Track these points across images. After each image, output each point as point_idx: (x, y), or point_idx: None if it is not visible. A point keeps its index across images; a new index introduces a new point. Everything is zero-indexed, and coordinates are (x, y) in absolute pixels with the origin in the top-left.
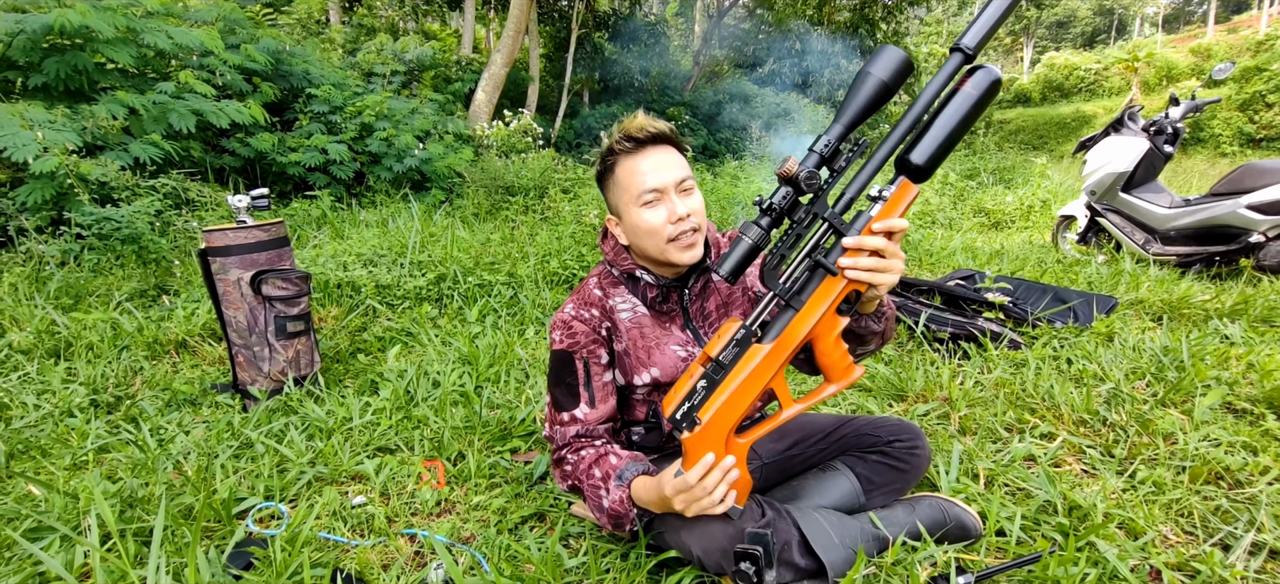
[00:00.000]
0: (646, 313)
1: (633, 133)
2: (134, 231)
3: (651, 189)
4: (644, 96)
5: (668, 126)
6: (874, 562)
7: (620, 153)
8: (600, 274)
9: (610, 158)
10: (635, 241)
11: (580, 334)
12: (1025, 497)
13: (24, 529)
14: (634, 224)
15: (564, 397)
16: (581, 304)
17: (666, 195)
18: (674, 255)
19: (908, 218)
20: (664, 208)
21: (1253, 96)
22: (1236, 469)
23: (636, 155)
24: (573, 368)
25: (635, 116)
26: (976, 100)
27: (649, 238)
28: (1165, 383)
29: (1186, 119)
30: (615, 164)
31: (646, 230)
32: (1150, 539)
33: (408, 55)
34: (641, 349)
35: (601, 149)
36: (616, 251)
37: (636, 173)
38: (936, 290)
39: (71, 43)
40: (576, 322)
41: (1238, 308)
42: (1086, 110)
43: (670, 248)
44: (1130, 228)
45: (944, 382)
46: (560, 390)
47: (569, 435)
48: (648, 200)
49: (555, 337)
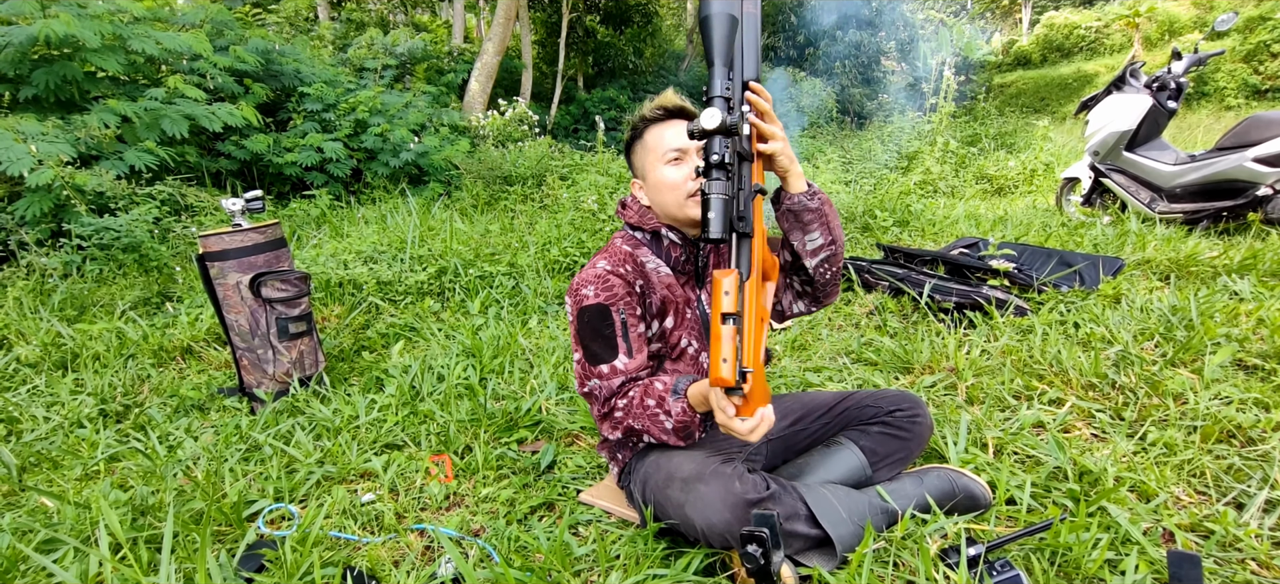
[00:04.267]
0: (670, 272)
1: (666, 105)
2: (134, 240)
3: (676, 148)
4: (639, 79)
5: (692, 107)
6: (883, 536)
7: (653, 121)
8: (623, 236)
9: (642, 125)
10: (657, 198)
11: (617, 286)
12: (1035, 464)
13: (36, 543)
14: (657, 180)
15: (602, 349)
16: (615, 260)
17: (689, 156)
18: (691, 209)
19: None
20: (686, 165)
21: (1257, 47)
22: (1248, 427)
23: (666, 123)
24: (610, 319)
25: (667, 92)
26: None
27: (670, 192)
28: (1174, 342)
29: (1190, 73)
30: (645, 130)
31: (669, 185)
32: (1162, 501)
33: (399, 49)
34: (671, 305)
35: (633, 120)
36: (641, 213)
37: (664, 136)
38: (940, 260)
39: (59, 53)
40: (613, 276)
41: (1246, 263)
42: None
43: (688, 203)
44: (1135, 187)
45: (950, 352)
46: (598, 343)
47: (614, 386)
48: (672, 157)
49: (588, 292)
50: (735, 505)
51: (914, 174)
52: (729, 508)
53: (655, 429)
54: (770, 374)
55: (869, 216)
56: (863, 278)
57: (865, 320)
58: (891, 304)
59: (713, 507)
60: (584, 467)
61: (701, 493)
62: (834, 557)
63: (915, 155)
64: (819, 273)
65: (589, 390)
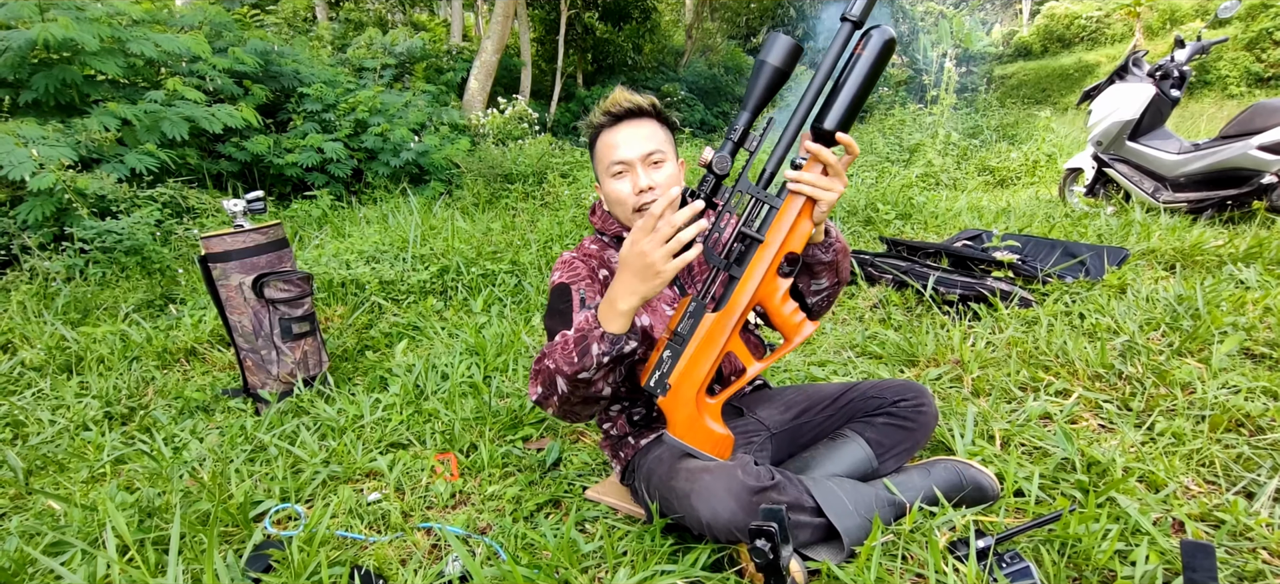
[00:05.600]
0: None
1: (609, 108)
2: (136, 243)
3: (618, 162)
4: (638, 74)
5: (646, 100)
6: (891, 529)
7: (600, 127)
8: (591, 240)
9: (592, 131)
10: (611, 210)
11: (580, 268)
12: (1042, 455)
13: (44, 545)
14: (607, 194)
15: (558, 324)
16: (580, 251)
17: (633, 168)
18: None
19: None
20: (628, 180)
21: (1259, 34)
22: (1257, 415)
23: (612, 129)
24: (568, 296)
25: (615, 91)
26: (874, 62)
27: (618, 207)
28: (1181, 332)
29: (1193, 61)
30: (596, 138)
31: (616, 200)
32: (1172, 491)
33: (398, 48)
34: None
35: (587, 123)
36: (604, 218)
37: (608, 146)
38: (943, 252)
39: (58, 57)
40: (577, 260)
41: (1252, 251)
42: (1089, 60)
43: (635, 218)
44: (1139, 177)
45: (955, 344)
46: (555, 319)
47: (556, 344)
48: (615, 172)
49: (554, 276)
50: (741, 495)
51: (916, 167)
52: (734, 498)
53: (558, 357)
54: (774, 370)
55: (871, 210)
56: (866, 271)
57: (869, 314)
58: (895, 297)
59: (718, 497)
60: (589, 464)
61: (706, 484)
62: (841, 550)
63: (917, 148)
64: (817, 305)
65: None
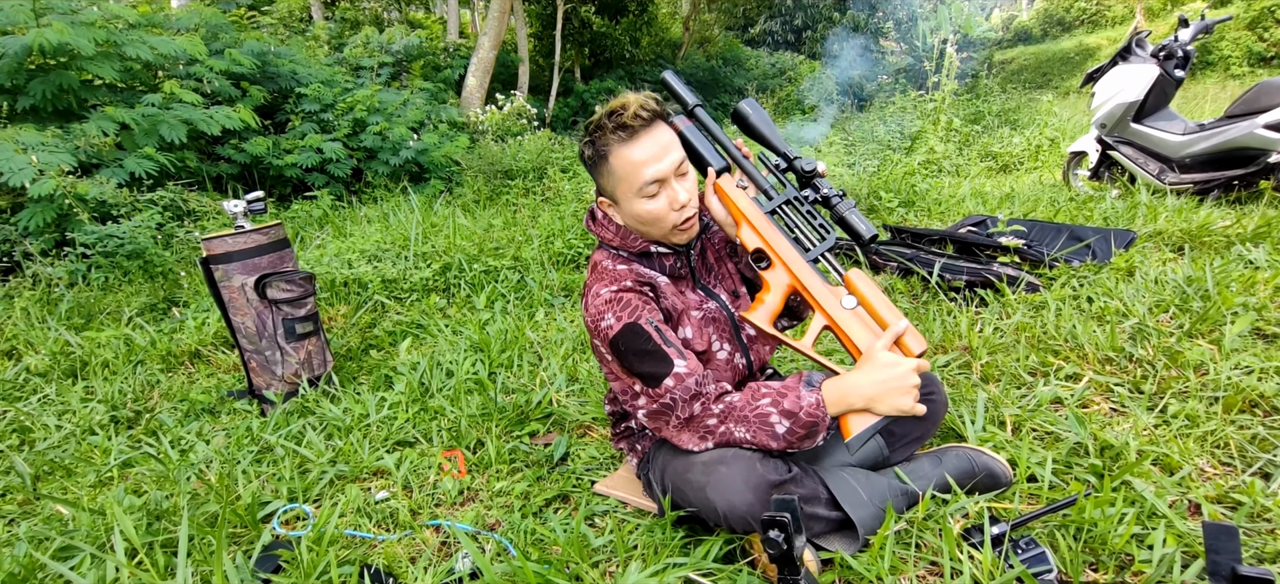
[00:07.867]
0: (668, 280)
1: (627, 121)
2: (137, 247)
3: (654, 180)
4: (636, 68)
5: (657, 102)
6: (904, 517)
7: (614, 141)
8: (608, 257)
9: (602, 144)
10: (637, 229)
11: (630, 299)
12: (1054, 440)
13: (53, 550)
14: (635, 213)
15: (655, 365)
16: (615, 281)
17: (668, 183)
18: (677, 238)
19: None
20: (665, 196)
21: (1261, 13)
22: (1271, 396)
23: (631, 143)
24: (644, 335)
25: (625, 100)
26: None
27: (653, 225)
28: (1191, 314)
29: (1196, 41)
30: (608, 152)
31: (651, 219)
32: (1187, 474)
33: (394, 46)
34: (680, 313)
35: (587, 128)
36: (623, 235)
37: (635, 164)
38: (948, 239)
39: (55, 62)
40: (625, 293)
41: (1260, 231)
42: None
43: (673, 232)
44: (1144, 159)
45: (963, 331)
46: (648, 363)
47: (692, 387)
48: (650, 192)
49: (609, 320)
50: (758, 487)
51: (918, 154)
52: (752, 489)
53: (762, 434)
54: (783, 360)
55: (874, 197)
56: (871, 259)
57: None
58: (901, 285)
59: (735, 488)
60: (598, 458)
61: (723, 475)
62: (856, 540)
63: (919, 135)
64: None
65: (661, 407)
